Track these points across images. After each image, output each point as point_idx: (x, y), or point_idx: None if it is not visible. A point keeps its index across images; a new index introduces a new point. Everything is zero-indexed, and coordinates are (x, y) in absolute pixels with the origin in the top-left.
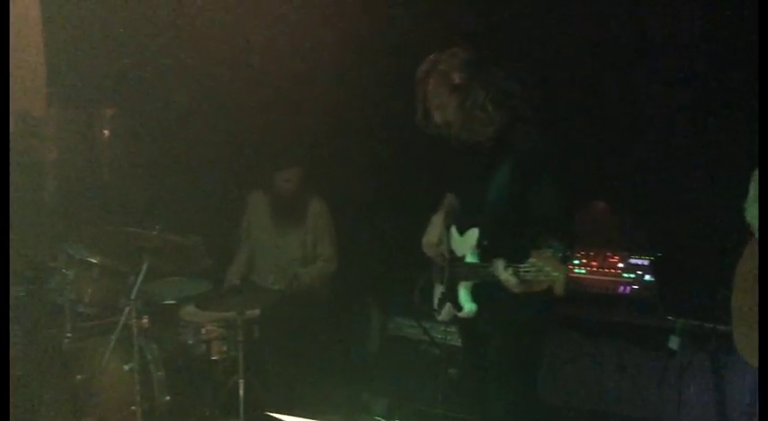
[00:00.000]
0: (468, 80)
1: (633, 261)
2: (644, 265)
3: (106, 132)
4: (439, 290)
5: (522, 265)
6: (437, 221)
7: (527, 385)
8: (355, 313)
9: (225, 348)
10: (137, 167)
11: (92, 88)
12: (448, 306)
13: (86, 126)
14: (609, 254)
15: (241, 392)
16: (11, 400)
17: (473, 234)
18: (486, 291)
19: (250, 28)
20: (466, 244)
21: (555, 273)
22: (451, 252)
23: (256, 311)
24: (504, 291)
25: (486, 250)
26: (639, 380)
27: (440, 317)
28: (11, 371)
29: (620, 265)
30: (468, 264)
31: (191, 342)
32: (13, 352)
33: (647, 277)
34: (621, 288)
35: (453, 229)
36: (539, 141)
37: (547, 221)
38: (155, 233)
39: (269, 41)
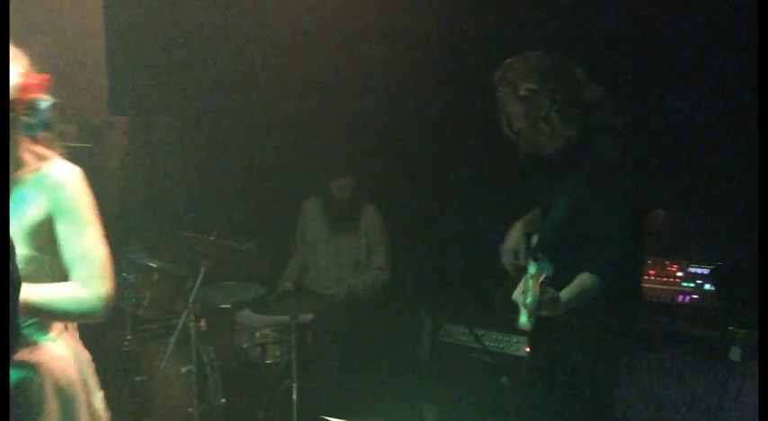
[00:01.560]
0: (533, 90)
1: (693, 270)
2: (704, 274)
3: (165, 140)
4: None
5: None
6: (516, 228)
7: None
8: (407, 319)
9: (278, 352)
10: (195, 174)
11: (152, 96)
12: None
13: (146, 133)
14: (667, 262)
15: (294, 396)
16: None
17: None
18: None
19: (306, 34)
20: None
21: (528, 298)
22: (527, 261)
23: (310, 316)
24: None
25: (543, 262)
26: (699, 392)
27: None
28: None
29: (680, 274)
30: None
31: (245, 345)
32: None
33: (707, 286)
34: (680, 297)
35: (533, 238)
36: (614, 155)
37: (599, 242)
38: (212, 238)
39: (325, 47)
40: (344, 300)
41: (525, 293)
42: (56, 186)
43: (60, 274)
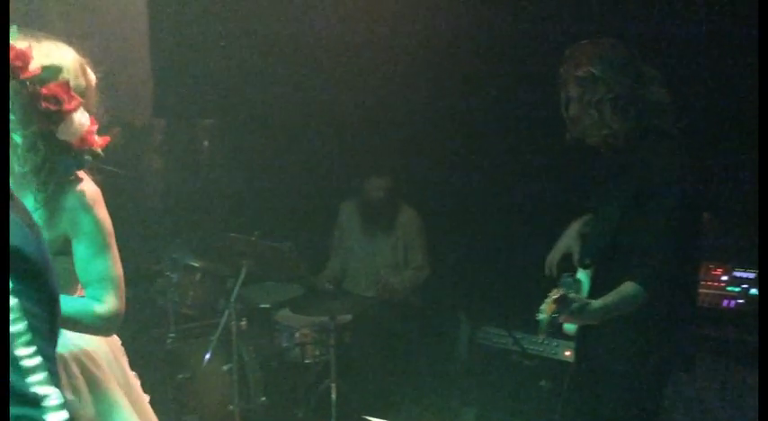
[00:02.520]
0: (592, 74)
1: (738, 274)
2: (749, 278)
3: (206, 142)
4: None
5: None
6: (572, 229)
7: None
8: (445, 321)
9: (317, 352)
10: (236, 175)
11: (194, 99)
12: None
13: (188, 135)
14: (712, 266)
15: (333, 396)
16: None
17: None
18: None
19: (343, 35)
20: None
21: (540, 315)
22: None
23: (348, 317)
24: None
25: (591, 268)
26: (743, 399)
27: (565, 330)
28: None
29: (724, 278)
30: (578, 280)
31: (285, 345)
32: None
33: (753, 291)
34: (725, 302)
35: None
36: (669, 160)
37: (645, 249)
38: (253, 239)
39: (360, 48)
40: (381, 299)
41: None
42: (76, 208)
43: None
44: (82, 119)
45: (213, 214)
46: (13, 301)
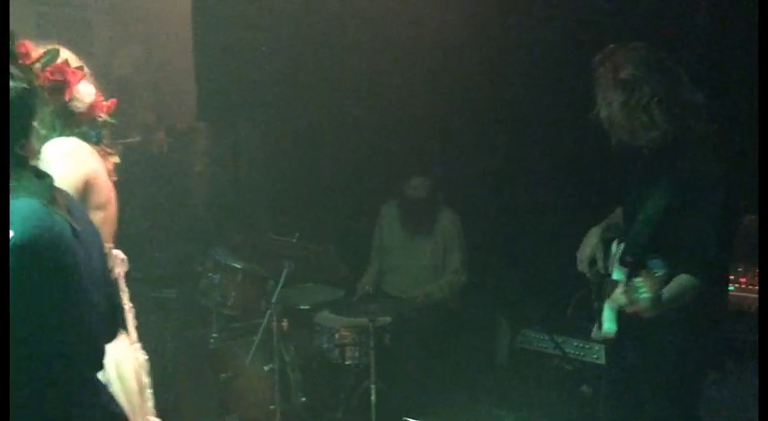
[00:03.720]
0: (636, 77)
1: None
2: None
3: (248, 145)
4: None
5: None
6: (593, 234)
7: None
8: (484, 324)
9: (357, 354)
10: (277, 178)
11: (236, 103)
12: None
13: (231, 139)
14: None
15: (373, 397)
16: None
17: (618, 250)
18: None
19: (384, 37)
20: (614, 260)
21: (644, 295)
22: (607, 268)
23: (388, 319)
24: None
25: (632, 267)
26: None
27: (594, 335)
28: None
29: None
30: (614, 281)
31: (325, 346)
32: (163, 349)
33: None
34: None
35: (614, 244)
36: (712, 158)
37: (698, 244)
38: (294, 241)
39: (401, 50)
40: (422, 304)
41: (615, 299)
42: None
43: None
44: (87, 89)
45: (254, 216)
46: None
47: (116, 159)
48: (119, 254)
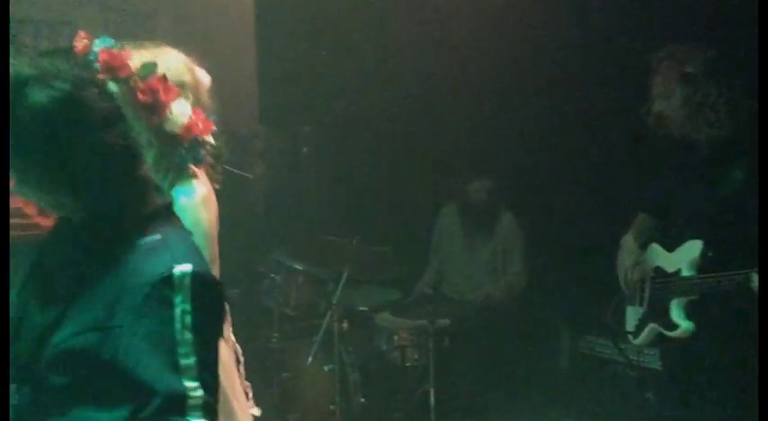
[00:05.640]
0: (702, 74)
1: None
2: None
3: (307, 149)
4: (637, 311)
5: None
6: (629, 241)
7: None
8: (545, 328)
9: (416, 356)
10: (337, 181)
11: (297, 107)
12: (649, 328)
13: (291, 143)
14: None
15: (432, 400)
16: None
17: (692, 246)
18: (706, 306)
19: (443, 40)
20: (681, 258)
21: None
22: (657, 269)
23: (447, 321)
24: (728, 304)
25: (713, 262)
26: None
27: (636, 341)
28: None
29: None
30: (685, 278)
31: (384, 348)
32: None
33: None
34: None
35: (656, 246)
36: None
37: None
38: (354, 243)
39: (460, 50)
40: (481, 306)
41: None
42: (179, 205)
43: None
44: (182, 109)
45: (314, 219)
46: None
47: (218, 185)
48: None
